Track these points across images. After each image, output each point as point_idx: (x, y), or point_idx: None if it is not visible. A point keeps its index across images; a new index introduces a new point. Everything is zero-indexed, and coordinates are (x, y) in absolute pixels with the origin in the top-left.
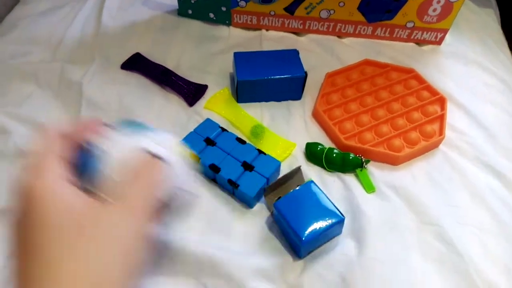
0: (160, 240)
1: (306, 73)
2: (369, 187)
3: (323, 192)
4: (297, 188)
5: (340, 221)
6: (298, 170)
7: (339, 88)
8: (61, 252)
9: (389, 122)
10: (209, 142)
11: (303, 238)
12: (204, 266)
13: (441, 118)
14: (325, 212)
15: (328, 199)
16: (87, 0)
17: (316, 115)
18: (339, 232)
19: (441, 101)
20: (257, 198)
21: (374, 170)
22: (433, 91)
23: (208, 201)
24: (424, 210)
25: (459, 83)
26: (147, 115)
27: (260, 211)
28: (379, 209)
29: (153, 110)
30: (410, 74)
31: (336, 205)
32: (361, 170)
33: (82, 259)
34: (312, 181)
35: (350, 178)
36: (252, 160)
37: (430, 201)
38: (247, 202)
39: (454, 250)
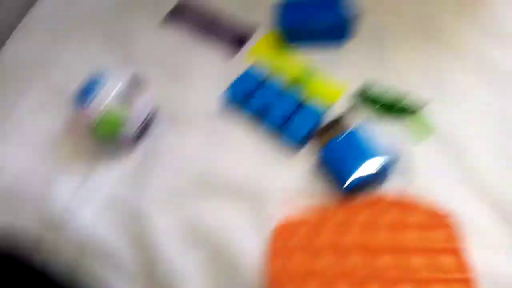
0: None
1: (354, 12)
2: (423, 134)
3: (370, 137)
4: (342, 134)
5: (388, 164)
6: (346, 114)
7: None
8: None
9: None
10: (253, 90)
11: (345, 186)
12: (244, 191)
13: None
14: (371, 156)
15: (375, 143)
16: None
17: None
18: (388, 176)
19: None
20: (302, 144)
21: (430, 114)
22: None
23: (252, 145)
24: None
25: None
26: (192, 70)
27: (307, 157)
28: (431, 156)
29: (196, 64)
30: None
31: (385, 150)
32: (414, 115)
33: None
34: (358, 127)
35: (403, 123)
36: (297, 106)
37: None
38: (291, 147)
39: None
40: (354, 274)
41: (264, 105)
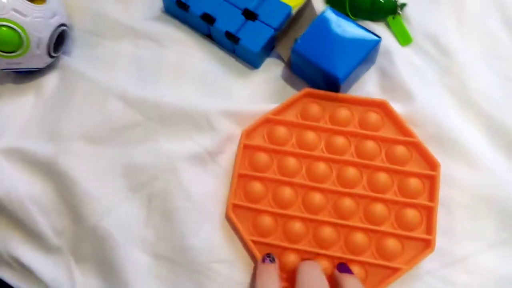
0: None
1: None
2: (404, 39)
3: (346, 18)
4: (314, 21)
5: (376, 44)
6: (307, 3)
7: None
8: None
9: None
10: None
11: (339, 76)
12: (196, 121)
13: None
14: (355, 39)
15: (355, 23)
16: None
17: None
18: (373, 62)
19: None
20: (263, 55)
21: (411, 16)
22: (422, 151)
23: (202, 62)
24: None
25: None
26: None
27: (268, 70)
28: (414, 64)
29: None
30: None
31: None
32: (393, 18)
33: None
34: (329, 8)
35: (380, 28)
36: (255, 6)
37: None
38: (251, 61)
39: None
40: (325, 185)
41: (210, 10)
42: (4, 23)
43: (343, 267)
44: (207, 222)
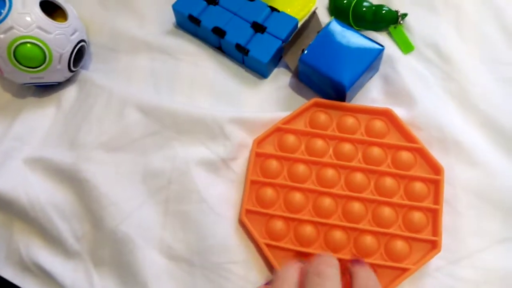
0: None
1: None
2: (406, 47)
3: (350, 28)
4: (320, 32)
5: (380, 53)
6: (313, 15)
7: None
8: None
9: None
10: (211, 0)
11: (345, 83)
12: (209, 128)
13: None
14: (359, 48)
15: (359, 33)
16: None
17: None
18: (377, 69)
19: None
20: (272, 65)
21: (412, 25)
22: (426, 156)
23: (214, 73)
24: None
25: None
26: None
27: (277, 79)
28: (416, 70)
29: None
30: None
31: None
32: (395, 27)
33: None
34: (334, 19)
35: (383, 37)
36: (264, 19)
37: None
38: (260, 71)
39: None
40: (334, 190)
41: (220, 24)
42: (29, 40)
43: (355, 261)
44: (222, 224)
